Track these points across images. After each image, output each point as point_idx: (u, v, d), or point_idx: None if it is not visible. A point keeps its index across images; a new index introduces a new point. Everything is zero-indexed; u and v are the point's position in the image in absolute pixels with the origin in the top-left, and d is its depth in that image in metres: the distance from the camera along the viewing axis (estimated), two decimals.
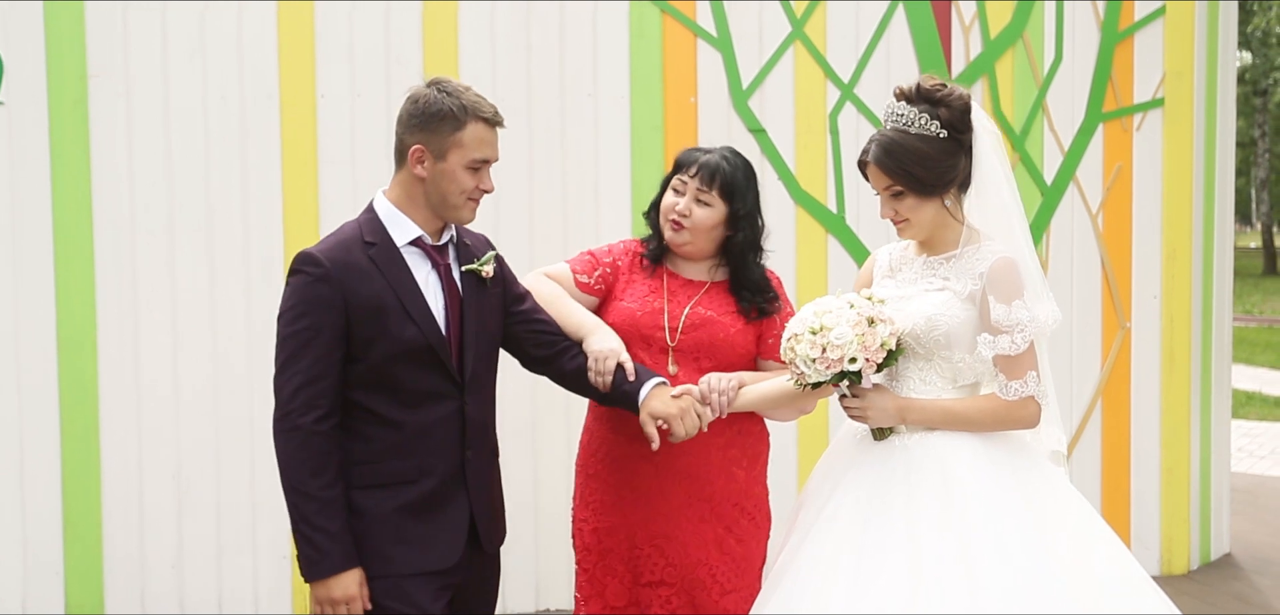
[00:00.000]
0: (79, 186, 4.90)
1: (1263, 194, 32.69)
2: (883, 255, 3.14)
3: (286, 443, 2.75)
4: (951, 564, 2.65)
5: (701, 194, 3.20)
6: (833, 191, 5.39)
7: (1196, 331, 5.91)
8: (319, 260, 2.78)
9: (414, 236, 2.85)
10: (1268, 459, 8.95)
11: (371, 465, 2.82)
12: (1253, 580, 5.87)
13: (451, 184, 2.82)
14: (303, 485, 2.73)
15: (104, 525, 4.98)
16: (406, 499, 2.82)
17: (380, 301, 2.77)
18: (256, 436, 5.02)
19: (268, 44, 4.99)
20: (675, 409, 2.99)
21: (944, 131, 2.86)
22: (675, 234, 3.23)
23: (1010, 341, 2.81)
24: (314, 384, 2.74)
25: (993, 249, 2.87)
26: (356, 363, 2.78)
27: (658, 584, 3.21)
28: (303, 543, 2.75)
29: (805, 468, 5.21)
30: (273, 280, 4.99)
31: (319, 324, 2.75)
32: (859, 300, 2.85)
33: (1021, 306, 2.81)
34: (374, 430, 2.82)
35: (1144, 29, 5.68)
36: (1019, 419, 2.88)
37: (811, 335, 2.82)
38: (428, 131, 2.80)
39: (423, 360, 2.82)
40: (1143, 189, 5.74)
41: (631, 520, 3.23)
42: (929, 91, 2.89)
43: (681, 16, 5.24)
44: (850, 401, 2.92)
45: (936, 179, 2.88)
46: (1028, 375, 2.82)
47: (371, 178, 5.00)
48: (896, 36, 5.44)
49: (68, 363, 4.92)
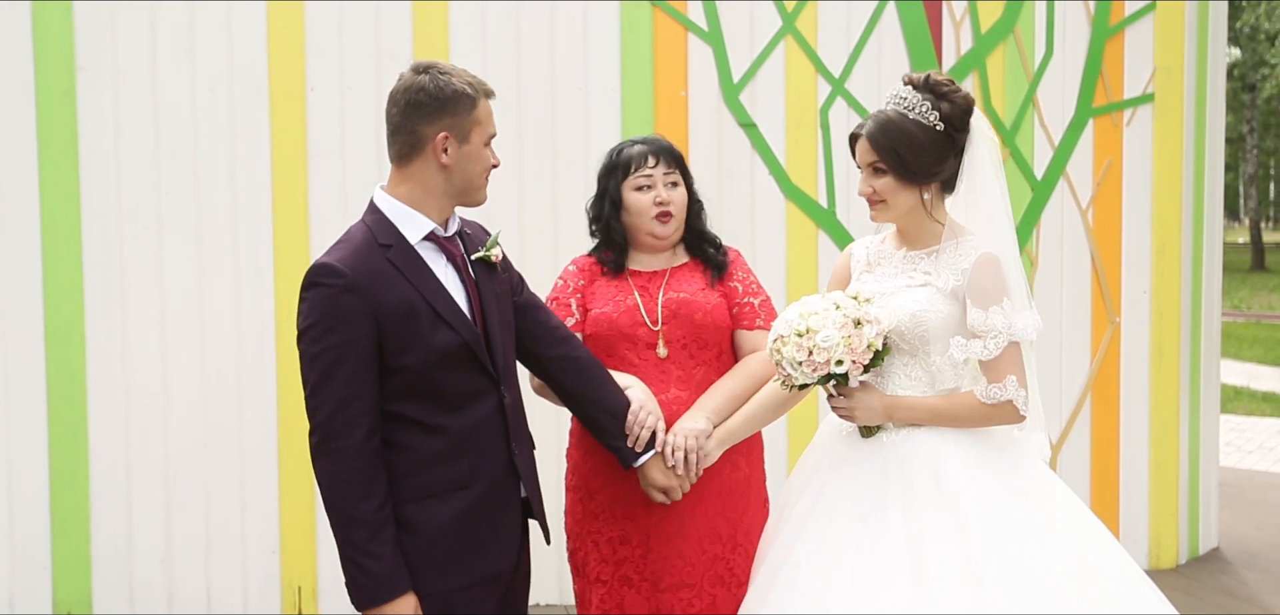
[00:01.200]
0: (67, 181, 4.87)
1: (1251, 189, 32.81)
2: (860, 249, 3.12)
3: (330, 466, 2.60)
4: (954, 564, 2.65)
5: (669, 177, 3.23)
6: (823, 186, 5.39)
7: (1186, 326, 5.92)
8: (341, 271, 2.61)
9: (427, 231, 2.73)
10: (1255, 453, 8.98)
11: (420, 475, 2.68)
12: (1240, 574, 5.89)
13: (477, 164, 2.74)
14: (351, 510, 2.59)
15: (92, 522, 4.96)
16: (462, 505, 2.71)
17: (409, 306, 2.64)
18: (245, 432, 5.01)
19: (257, 39, 4.97)
20: (675, 481, 3.04)
21: (941, 125, 2.86)
22: (665, 225, 3.22)
23: (982, 347, 2.79)
24: (353, 402, 2.59)
25: (976, 244, 2.86)
26: (392, 374, 2.64)
27: (679, 586, 3.18)
28: (353, 569, 2.61)
29: (795, 454, 5.19)
30: (262, 275, 4.98)
31: (350, 338, 2.59)
32: (845, 300, 2.83)
33: (998, 312, 2.79)
34: (418, 439, 2.68)
35: (1134, 24, 5.69)
36: (1001, 418, 2.87)
37: (798, 337, 2.80)
38: (449, 115, 2.69)
39: (460, 361, 2.70)
40: (1132, 184, 5.75)
41: (645, 526, 3.20)
42: (936, 84, 2.89)
43: (672, 11, 5.23)
44: (838, 401, 2.92)
45: (920, 168, 2.87)
46: (1007, 379, 2.80)
47: (361, 173, 5.00)
48: (887, 31, 5.43)
49: (56, 358, 4.90)
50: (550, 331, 3.03)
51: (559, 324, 3.08)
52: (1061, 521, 2.80)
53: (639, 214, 3.23)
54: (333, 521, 2.62)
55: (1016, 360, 2.82)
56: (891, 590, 2.66)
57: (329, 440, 2.59)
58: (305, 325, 2.62)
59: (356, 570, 2.60)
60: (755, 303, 3.27)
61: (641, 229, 3.24)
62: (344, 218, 4.93)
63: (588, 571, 3.28)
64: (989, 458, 2.83)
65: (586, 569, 3.28)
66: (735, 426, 3.13)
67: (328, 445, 2.59)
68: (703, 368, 3.20)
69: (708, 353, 3.21)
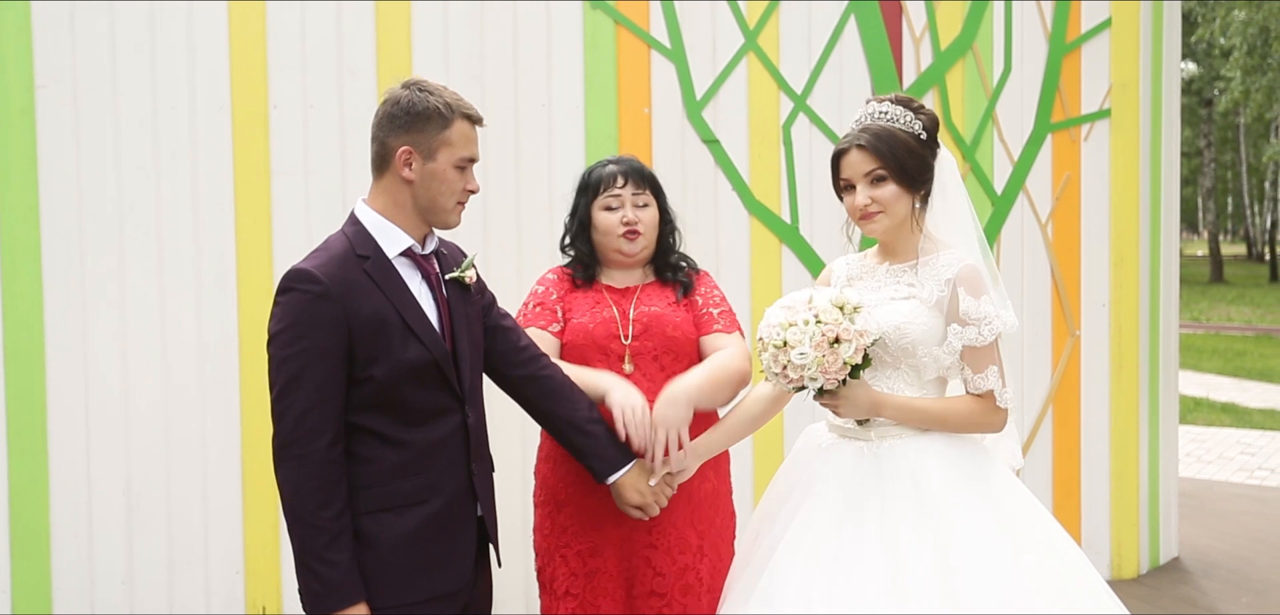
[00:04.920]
0: (27, 197, 4.83)
1: (1209, 203, 33.23)
2: (840, 266, 3.16)
3: (295, 471, 2.60)
4: (929, 570, 2.69)
5: (638, 197, 3.30)
6: (786, 202, 5.42)
7: (1144, 339, 6.00)
8: (317, 277, 2.62)
9: (405, 247, 2.75)
10: (1214, 464, 9.08)
11: (378, 488, 2.69)
12: (1200, 584, 5.95)
13: (441, 185, 2.74)
14: (311, 516, 2.59)
15: (52, 538, 4.90)
16: (418, 520, 2.71)
17: (382, 318, 2.66)
18: (208, 448, 4.98)
19: (219, 53, 4.94)
20: (650, 497, 3.05)
21: (924, 135, 2.95)
22: (632, 244, 3.28)
23: (977, 332, 2.87)
24: (320, 407, 2.60)
25: (956, 256, 2.94)
26: (358, 385, 2.66)
27: (650, 595, 3.22)
28: (308, 575, 2.61)
29: (762, 467, 5.23)
30: (224, 290, 4.95)
31: (321, 344, 2.60)
32: (829, 312, 2.81)
33: (989, 301, 2.90)
34: (379, 451, 2.69)
35: (1091, 41, 5.76)
36: (989, 423, 2.93)
37: (775, 349, 2.82)
38: (415, 131, 2.71)
39: (427, 377, 2.71)
40: (1091, 198, 5.82)
41: (615, 537, 3.23)
42: (907, 100, 2.99)
43: (635, 27, 5.25)
44: (823, 397, 2.94)
45: (918, 174, 2.94)
46: (989, 369, 2.89)
47: (325, 187, 4.98)
48: (848, 48, 5.48)
49: (14, 373, 4.85)
50: (520, 352, 3.04)
51: (530, 343, 3.09)
52: (1032, 530, 2.84)
53: (607, 232, 3.30)
54: (291, 527, 2.62)
55: (997, 353, 2.92)
56: (866, 593, 2.69)
57: (293, 445, 2.60)
58: (277, 329, 2.63)
59: (311, 576, 2.61)
60: (714, 312, 3.34)
61: (609, 247, 3.31)
62: (306, 230, 4.93)
63: (556, 587, 3.29)
64: (966, 466, 2.89)
65: (555, 585, 3.29)
66: (713, 441, 3.19)
67: (291, 450, 2.60)
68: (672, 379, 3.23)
69: (679, 365, 3.26)
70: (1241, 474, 8.71)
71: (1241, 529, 6.99)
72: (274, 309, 2.66)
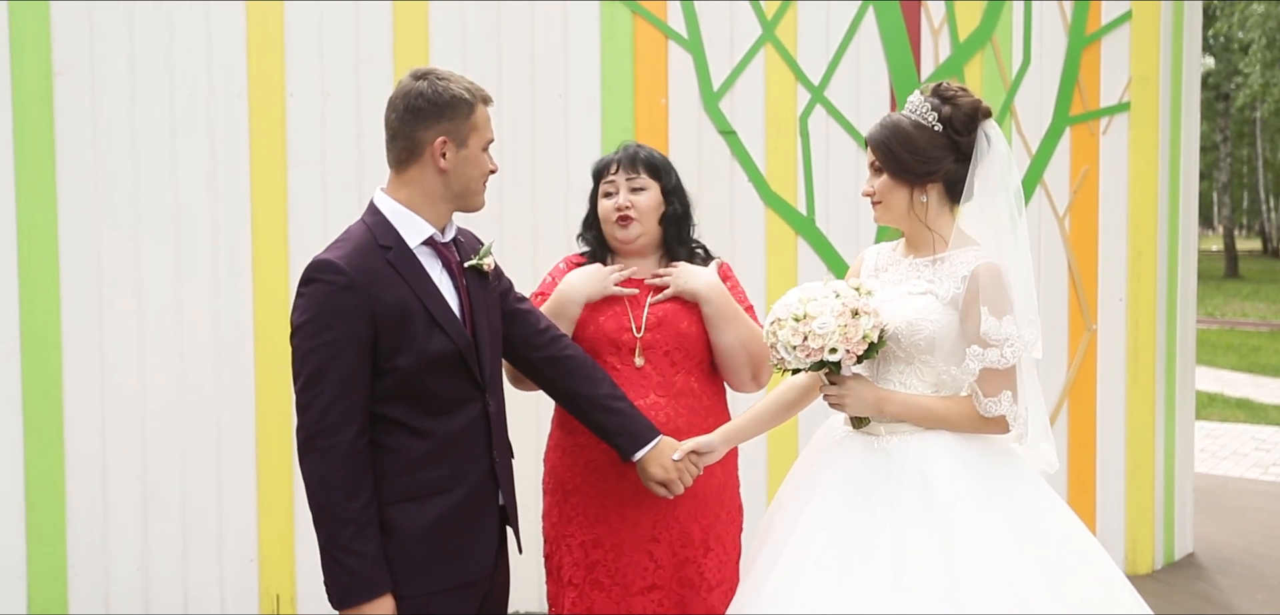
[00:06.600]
0: (44, 185, 4.84)
1: (1224, 197, 33.07)
2: (871, 255, 3.15)
3: (320, 462, 2.58)
4: (937, 570, 2.66)
5: (633, 181, 3.26)
6: (803, 194, 5.41)
7: (1161, 333, 5.97)
8: (342, 268, 2.60)
9: (427, 236, 2.74)
10: (1230, 460, 9.05)
11: (402, 478, 2.68)
12: (1215, 580, 5.93)
13: (475, 169, 2.76)
14: (338, 508, 2.57)
15: (68, 527, 4.92)
16: (441, 509, 2.70)
17: (405, 308, 2.65)
18: (223, 437, 4.99)
19: (236, 43, 4.95)
20: (675, 474, 3.03)
21: (939, 126, 2.88)
22: (624, 230, 3.25)
23: (999, 355, 2.79)
24: (346, 398, 2.58)
25: (978, 253, 2.86)
26: (382, 375, 2.64)
27: (649, 589, 3.21)
28: (334, 567, 2.59)
29: (775, 463, 5.23)
30: (239, 279, 4.96)
31: (347, 335, 2.58)
32: (846, 290, 2.84)
33: (1011, 321, 2.80)
34: (403, 442, 2.68)
35: (1110, 33, 5.73)
36: (991, 428, 2.89)
37: (795, 322, 2.82)
38: (447, 120, 2.71)
39: (450, 366, 2.71)
40: (1109, 192, 5.79)
41: (618, 529, 3.22)
42: (943, 89, 2.93)
43: (653, 18, 5.24)
44: (830, 389, 2.93)
45: (915, 166, 2.89)
46: (1002, 394, 2.81)
47: (341, 177, 4.98)
48: (866, 40, 5.46)
49: (32, 363, 4.87)
50: (540, 334, 3.05)
51: (549, 324, 3.09)
52: (1048, 528, 2.80)
53: (604, 219, 3.29)
54: (317, 519, 2.61)
55: (1012, 377, 2.83)
56: (873, 591, 2.67)
57: (319, 437, 2.58)
58: (301, 320, 2.62)
59: (338, 568, 2.59)
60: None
61: (607, 233, 3.31)
62: (323, 219, 4.93)
63: (562, 574, 3.29)
64: (982, 468, 2.83)
65: (561, 572, 3.30)
66: (742, 425, 3.18)
67: (317, 442, 2.58)
68: (683, 375, 3.23)
69: (690, 360, 3.25)
70: (1256, 470, 8.67)
71: (1257, 525, 6.96)
72: (298, 300, 2.65)
